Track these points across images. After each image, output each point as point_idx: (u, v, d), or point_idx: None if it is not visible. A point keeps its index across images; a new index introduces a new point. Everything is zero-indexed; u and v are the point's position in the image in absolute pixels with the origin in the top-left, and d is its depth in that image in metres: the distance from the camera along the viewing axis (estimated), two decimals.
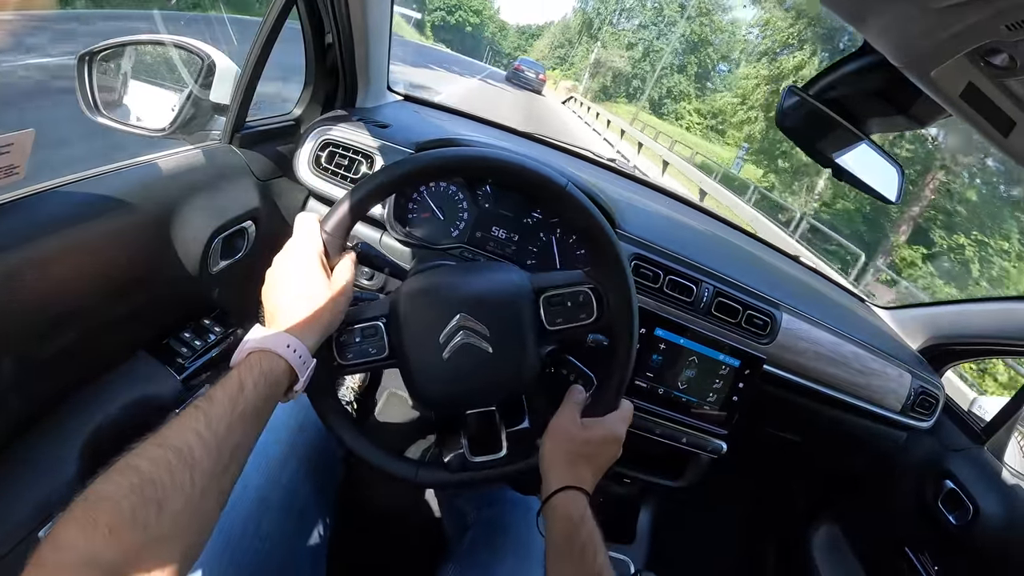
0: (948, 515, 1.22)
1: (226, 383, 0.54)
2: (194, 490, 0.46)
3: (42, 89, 3.73)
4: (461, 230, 1.10)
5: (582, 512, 0.66)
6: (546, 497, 0.69)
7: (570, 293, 0.77)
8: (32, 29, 4.74)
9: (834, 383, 1.21)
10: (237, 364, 0.57)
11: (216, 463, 0.49)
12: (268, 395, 0.56)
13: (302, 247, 0.67)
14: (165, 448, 0.46)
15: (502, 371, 0.75)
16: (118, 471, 0.44)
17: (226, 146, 1.02)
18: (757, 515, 1.79)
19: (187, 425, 0.49)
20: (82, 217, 0.75)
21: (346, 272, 0.69)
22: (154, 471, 0.45)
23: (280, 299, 0.64)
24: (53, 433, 0.78)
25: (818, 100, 0.84)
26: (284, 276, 0.66)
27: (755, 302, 1.12)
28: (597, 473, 0.72)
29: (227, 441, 0.50)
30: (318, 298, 0.65)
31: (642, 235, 1.11)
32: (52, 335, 0.72)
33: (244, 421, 0.52)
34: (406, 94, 1.52)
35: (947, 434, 1.35)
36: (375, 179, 0.71)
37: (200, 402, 0.52)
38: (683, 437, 1.07)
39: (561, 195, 0.74)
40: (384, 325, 0.74)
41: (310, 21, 1.07)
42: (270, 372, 0.57)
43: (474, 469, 0.79)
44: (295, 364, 0.60)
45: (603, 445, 0.73)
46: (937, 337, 1.42)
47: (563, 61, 70.02)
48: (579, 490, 0.68)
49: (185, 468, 0.46)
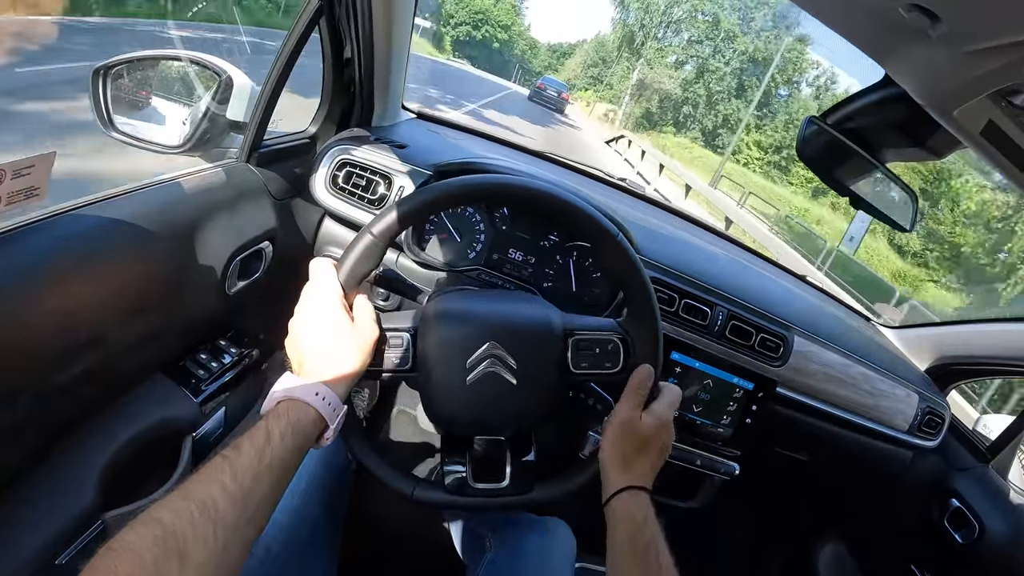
0: (954, 533, 1.23)
1: (254, 434, 0.54)
2: (216, 543, 0.46)
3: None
4: (478, 252, 1.10)
5: (645, 512, 0.65)
6: (607, 498, 0.69)
7: (599, 340, 0.77)
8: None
9: (844, 404, 1.22)
10: (266, 414, 0.57)
11: (240, 516, 0.48)
12: (296, 446, 0.56)
13: (321, 294, 0.66)
14: (189, 501, 0.47)
15: (521, 405, 0.76)
16: (142, 523, 0.44)
17: (244, 165, 1.02)
18: (763, 533, 1.80)
19: (212, 477, 0.49)
20: (102, 239, 0.74)
21: (369, 315, 0.69)
22: (177, 524, 0.45)
23: (306, 349, 0.64)
24: (72, 456, 0.77)
25: (836, 129, 0.85)
26: (307, 325, 0.65)
27: (768, 325, 1.13)
28: (655, 466, 0.71)
29: (253, 493, 0.50)
30: (344, 345, 0.64)
31: (658, 258, 1.11)
32: (72, 358, 0.72)
33: (271, 472, 0.52)
34: (420, 112, 1.53)
35: (952, 453, 1.36)
36: (387, 214, 0.71)
37: (227, 452, 0.51)
38: (697, 459, 1.07)
39: (610, 243, 0.75)
40: (411, 337, 0.74)
41: (331, 38, 1.07)
42: (298, 422, 0.57)
43: (473, 495, 0.79)
44: (325, 413, 0.59)
45: (660, 435, 0.72)
46: (943, 357, 1.43)
47: (597, 81, 63.92)
48: (640, 489, 0.68)
49: (208, 522, 0.46)
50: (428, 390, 0.74)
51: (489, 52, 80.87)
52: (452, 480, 0.79)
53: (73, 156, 2.55)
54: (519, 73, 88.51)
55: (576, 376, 0.77)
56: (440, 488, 0.78)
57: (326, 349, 0.63)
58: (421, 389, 0.75)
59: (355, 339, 0.65)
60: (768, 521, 1.79)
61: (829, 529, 1.59)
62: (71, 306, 0.70)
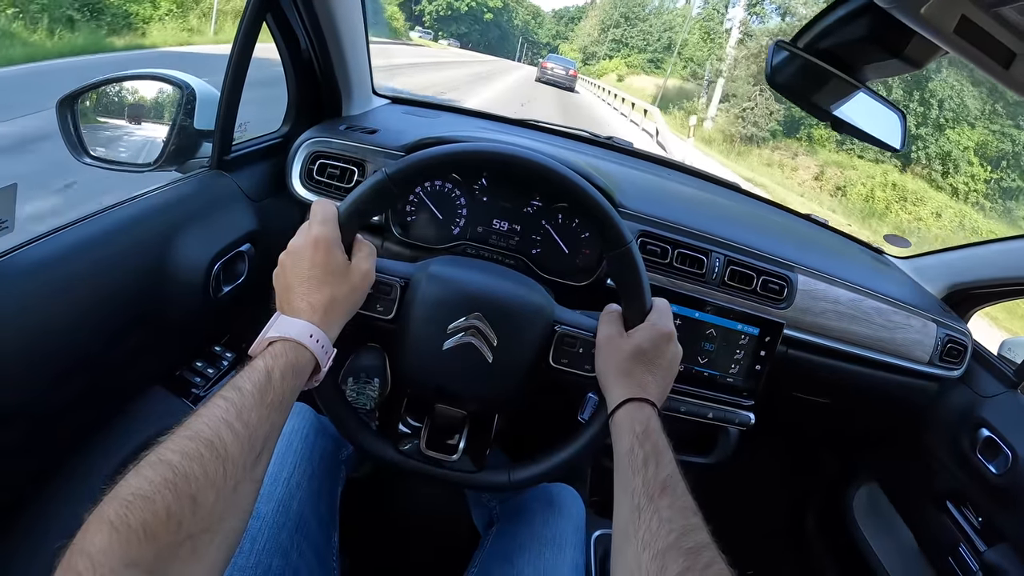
0: (987, 464, 1.19)
1: (252, 373, 0.53)
2: (227, 483, 0.45)
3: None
4: (462, 227, 1.09)
5: (645, 424, 0.62)
6: (608, 415, 0.67)
7: (584, 340, 0.76)
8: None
9: (858, 340, 1.18)
10: (260, 353, 0.56)
11: (248, 454, 0.48)
12: (293, 385, 0.55)
13: (319, 229, 0.65)
14: (196, 441, 0.45)
15: (491, 384, 0.75)
16: (149, 466, 0.42)
17: (214, 172, 1.02)
18: (794, 483, 1.76)
19: (217, 416, 0.47)
20: (77, 261, 0.74)
21: (367, 260, 0.67)
22: (187, 465, 0.43)
23: (299, 283, 0.62)
24: (75, 479, 0.77)
25: (808, 52, 0.81)
26: (302, 258, 0.63)
27: (769, 267, 1.10)
28: (663, 378, 0.69)
29: (258, 431, 0.49)
30: (340, 285, 0.63)
31: (645, 210, 1.09)
32: (63, 381, 0.72)
33: (272, 411, 0.51)
34: (394, 96, 1.51)
35: (979, 381, 1.31)
36: (408, 161, 0.70)
37: (227, 392, 0.50)
38: (709, 412, 1.05)
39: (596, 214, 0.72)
40: (400, 288, 0.74)
41: (283, 37, 1.06)
42: (296, 362, 0.56)
43: (421, 460, 0.78)
44: (318, 354, 0.59)
45: (656, 346, 0.69)
46: (959, 283, 1.38)
47: (622, 45, 53.42)
48: (642, 401, 0.65)
49: (218, 461, 0.45)
50: (402, 345, 0.73)
51: (483, 27, 68.60)
52: (406, 442, 0.79)
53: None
54: (523, 48, 78.44)
55: (553, 370, 0.76)
56: (390, 445, 0.78)
57: (317, 285, 0.62)
58: (396, 342, 0.74)
59: (350, 278, 0.65)
60: (797, 470, 1.76)
61: (860, 472, 1.55)
62: (55, 331, 0.70)
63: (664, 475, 0.57)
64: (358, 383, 1.32)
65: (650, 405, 0.65)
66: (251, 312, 1.03)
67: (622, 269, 0.72)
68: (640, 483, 0.57)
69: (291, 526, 0.75)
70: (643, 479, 0.57)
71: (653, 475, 0.57)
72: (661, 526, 0.52)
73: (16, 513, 0.72)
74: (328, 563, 0.80)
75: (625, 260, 0.72)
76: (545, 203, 1.07)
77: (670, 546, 0.50)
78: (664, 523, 0.52)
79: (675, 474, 0.57)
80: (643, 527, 0.52)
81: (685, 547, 0.49)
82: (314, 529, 0.79)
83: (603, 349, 0.71)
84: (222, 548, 0.45)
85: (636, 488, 0.56)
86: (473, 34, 65.29)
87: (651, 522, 0.53)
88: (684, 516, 0.53)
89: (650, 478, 0.57)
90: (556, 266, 1.08)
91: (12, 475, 0.70)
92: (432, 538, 1.29)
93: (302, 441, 0.85)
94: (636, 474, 0.58)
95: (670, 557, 0.49)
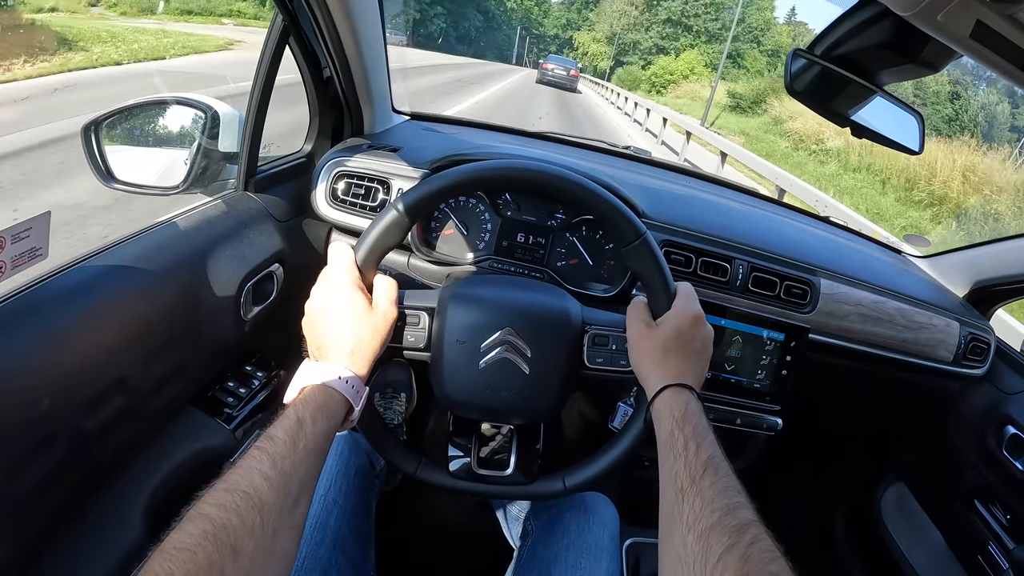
0: (1014, 461, 1.18)
1: (284, 421, 0.54)
2: (265, 532, 0.46)
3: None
4: (487, 242, 1.10)
5: (684, 408, 0.63)
6: (648, 404, 0.67)
7: (616, 336, 0.76)
8: None
9: (882, 342, 1.18)
10: (293, 402, 0.58)
11: (285, 501, 0.49)
12: (326, 429, 0.56)
13: (338, 275, 0.67)
14: (233, 493, 0.47)
15: (532, 395, 0.75)
16: (190, 520, 0.44)
17: (242, 193, 1.04)
18: (821, 486, 1.76)
19: (252, 467, 0.49)
20: (110, 286, 0.76)
21: (387, 296, 0.69)
22: (225, 517, 0.45)
23: (324, 331, 0.64)
24: (113, 500, 0.79)
25: (826, 59, 0.82)
26: (325, 307, 0.66)
27: (791, 272, 1.10)
28: (698, 361, 0.69)
29: (293, 478, 0.50)
30: (363, 326, 0.65)
31: (668, 220, 1.09)
32: (100, 403, 0.74)
33: (308, 456, 0.53)
34: (413, 112, 1.53)
35: (1003, 378, 1.31)
36: (416, 191, 0.71)
37: (262, 443, 0.52)
38: (737, 419, 1.05)
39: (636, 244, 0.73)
40: (429, 316, 0.74)
41: (305, 58, 1.08)
42: (326, 406, 0.57)
43: (476, 480, 0.79)
44: (349, 396, 0.60)
45: (686, 330, 0.69)
46: (981, 280, 1.37)
47: (684, 29, 39.61)
48: (679, 387, 0.65)
49: (255, 511, 0.46)
50: (440, 371, 0.74)
51: (459, 16, 51.21)
52: (456, 464, 0.80)
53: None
54: (525, 44, 64.10)
55: (590, 371, 0.77)
56: (444, 471, 0.79)
57: (342, 330, 0.64)
58: (433, 369, 0.75)
59: (372, 319, 0.66)
60: (824, 473, 1.75)
61: (887, 473, 1.54)
62: (91, 353, 0.72)
63: (705, 456, 0.57)
64: (385, 398, 1.34)
65: (687, 390, 0.65)
66: (280, 331, 1.04)
67: (640, 260, 0.73)
68: (682, 466, 0.57)
69: (329, 543, 0.76)
70: (685, 462, 0.57)
71: (694, 457, 0.57)
72: (704, 506, 0.52)
73: (57, 531, 0.73)
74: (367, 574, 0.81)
75: (642, 251, 0.73)
76: (568, 215, 1.08)
77: (714, 525, 0.50)
78: (707, 503, 0.52)
79: (717, 455, 0.58)
80: (687, 509, 0.53)
81: (729, 525, 0.50)
82: (351, 545, 0.80)
83: (635, 342, 0.72)
84: None
85: (678, 471, 0.57)
86: (446, 28, 46.92)
87: (694, 503, 0.53)
88: (727, 495, 0.53)
89: (691, 460, 0.57)
90: (582, 278, 1.09)
91: (53, 495, 0.71)
92: (464, 551, 1.30)
93: (337, 457, 0.86)
94: (678, 458, 0.58)
95: (714, 536, 0.49)
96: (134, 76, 7.69)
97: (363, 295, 0.67)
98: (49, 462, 0.68)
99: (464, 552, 1.28)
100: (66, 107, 5.33)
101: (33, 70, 6.42)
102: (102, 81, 6.93)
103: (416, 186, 0.72)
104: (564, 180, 0.73)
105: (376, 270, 0.71)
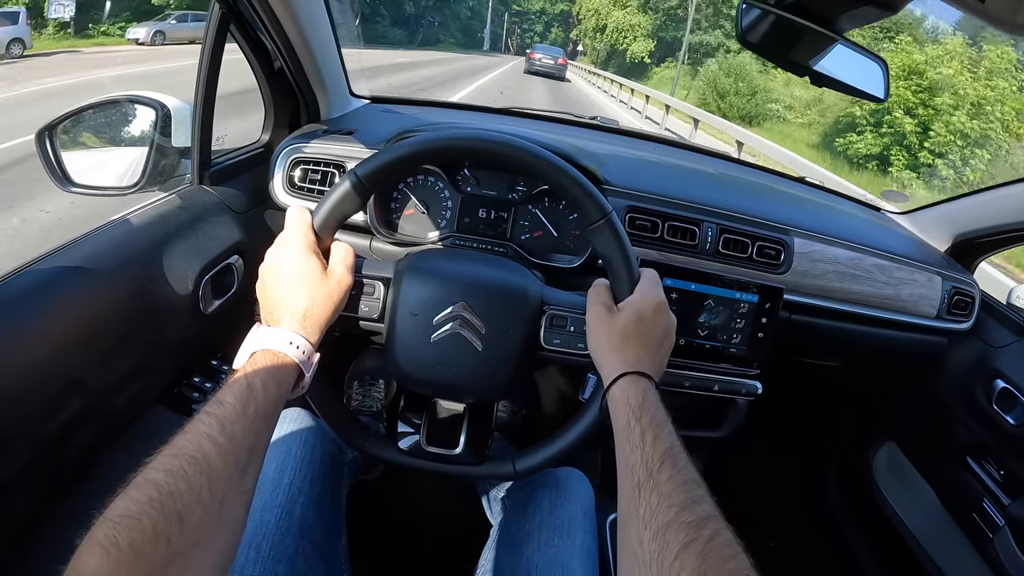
0: (1005, 416, 1.16)
1: (233, 386, 0.53)
2: (213, 498, 0.45)
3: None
4: (448, 220, 1.08)
5: (641, 397, 0.61)
6: (603, 393, 0.66)
7: (575, 318, 0.75)
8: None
9: (862, 299, 1.16)
10: (243, 367, 0.57)
11: (234, 467, 0.48)
12: (277, 395, 0.56)
13: (294, 238, 0.66)
14: (180, 458, 0.45)
15: (483, 374, 0.74)
16: (135, 487, 0.43)
17: (197, 187, 1.02)
18: (810, 450, 1.75)
19: (200, 432, 0.48)
20: (64, 286, 0.75)
21: (343, 261, 0.68)
22: (171, 483, 0.44)
23: (277, 294, 0.64)
24: (81, 502, 0.77)
25: (779, 8, 0.80)
26: (279, 270, 0.65)
27: (763, 232, 1.08)
28: (658, 349, 0.67)
29: (243, 443, 0.49)
30: (317, 291, 0.64)
31: (632, 185, 1.08)
32: (60, 407, 0.72)
33: (257, 421, 0.52)
34: (372, 96, 1.50)
35: (990, 332, 1.29)
36: (374, 159, 0.70)
37: (210, 407, 0.51)
38: (715, 385, 1.03)
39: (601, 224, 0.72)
40: (384, 286, 0.73)
41: (250, 47, 1.05)
42: (277, 371, 0.57)
43: (424, 457, 0.78)
44: (300, 361, 0.59)
45: (647, 318, 0.67)
46: (961, 233, 1.35)
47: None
48: (637, 374, 0.63)
49: (202, 476, 0.45)
50: (391, 343, 0.73)
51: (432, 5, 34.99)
52: (407, 441, 0.79)
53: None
54: (505, 24, 50.37)
55: (546, 352, 0.75)
56: (392, 446, 0.78)
57: (295, 294, 0.63)
58: (387, 342, 0.73)
59: (327, 284, 0.65)
60: (813, 436, 1.74)
61: (877, 434, 1.53)
62: (47, 358, 0.71)
63: (663, 448, 0.55)
64: (363, 386, 1.32)
65: (645, 378, 0.63)
66: (245, 324, 1.03)
67: (604, 241, 0.72)
68: (639, 458, 0.55)
69: (295, 532, 0.75)
70: (641, 454, 0.55)
71: (651, 449, 0.55)
72: (661, 501, 0.50)
73: (23, 537, 0.72)
74: (337, 567, 0.79)
75: (606, 232, 0.71)
76: (530, 188, 1.06)
77: (671, 521, 0.48)
78: (664, 498, 0.50)
79: (675, 446, 0.56)
80: (643, 504, 0.51)
81: (687, 520, 0.48)
82: (319, 534, 0.78)
83: (594, 326, 0.70)
84: (214, 564, 0.45)
85: (635, 464, 0.55)
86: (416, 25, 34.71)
87: (651, 498, 0.51)
88: (686, 489, 0.51)
89: (648, 452, 0.55)
90: (547, 250, 1.07)
91: (17, 499, 0.70)
92: (444, 534, 1.29)
93: (302, 446, 0.85)
94: (635, 449, 0.56)
95: (671, 533, 0.47)
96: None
97: (318, 260, 0.66)
98: (10, 468, 0.67)
99: (447, 537, 1.27)
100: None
101: None
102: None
103: (375, 155, 0.71)
104: (523, 152, 0.71)
105: (333, 237, 0.70)
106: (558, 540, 0.80)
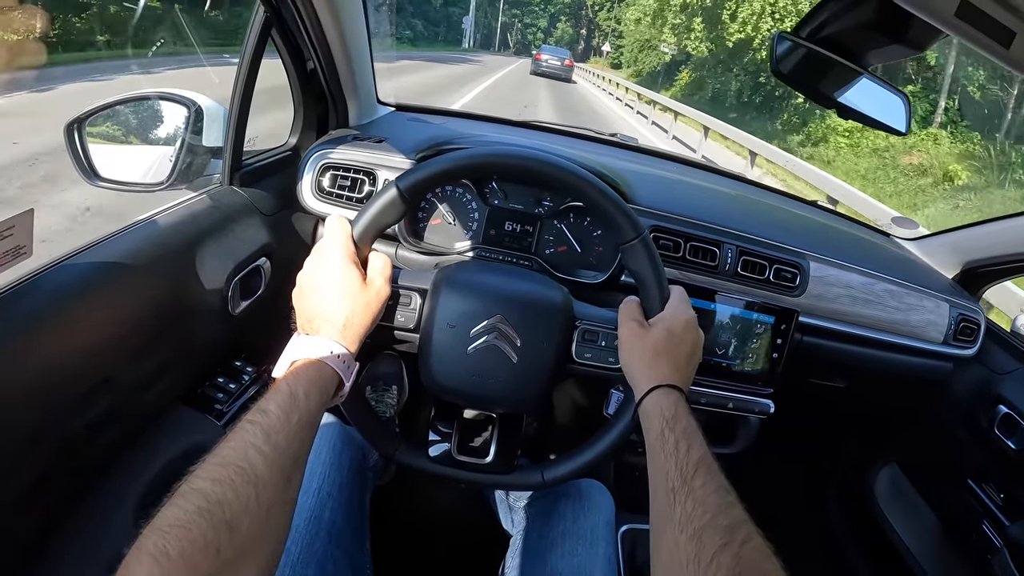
0: (1006, 440, 1.19)
1: (277, 395, 0.53)
2: (260, 507, 0.45)
3: None
4: (475, 231, 1.09)
5: (673, 409, 0.63)
6: (636, 405, 0.67)
7: (606, 333, 0.77)
8: None
9: (872, 324, 1.19)
10: (284, 376, 0.57)
11: (279, 476, 0.48)
12: (319, 403, 0.56)
13: (334, 248, 0.67)
14: (227, 467, 0.46)
15: (518, 385, 0.75)
16: (183, 495, 0.43)
17: (227, 188, 1.03)
18: (815, 469, 1.77)
19: (245, 440, 0.48)
20: (95, 283, 0.75)
21: (382, 272, 0.69)
22: (219, 492, 0.44)
23: (316, 304, 0.64)
24: (104, 501, 0.78)
25: (811, 41, 0.82)
26: (317, 279, 0.65)
27: (780, 255, 1.11)
28: (687, 364, 0.70)
29: (287, 453, 0.50)
30: (356, 301, 0.65)
31: (656, 205, 1.09)
32: (87, 403, 0.73)
33: (301, 430, 0.52)
34: (398, 104, 1.52)
35: (994, 358, 1.31)
36: (417, 172, 0.71)
37: (254, 416, 0.51)
38: (729, 402, 1.05)
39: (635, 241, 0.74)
40: (421, 297, 0.75)
41: (288, 50, 1.07)
42: (319, 380, 0.57)
43: (455, 466, 0.80)
44: (340, 371, 0.60)
45: (677, 333, 0.70)
46: (970, 261, 1.38)
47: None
48: (669, 387, 0.65)
49: (249, 486, 0.45)
50: (427, 353, 0.74)
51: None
52: (437, 449, 0.80)
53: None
54: (500, 19, 43.92)
55: (577, 366, 0.77)
56: (423, 454, 0.79)
57: (335, 304, 0.64)
58: (421, 352, 0.75)
59: (365, 294, 0.66)
60: (817, 455, 1.76)
61: (880, 455, 1.55)
62: (77, 352, 0.71)
63: (696, 456, 0.57)
64: (376, 391, 1.33)
65: (676, 391, 0.65)
66: (269, 326, 1.04)
67: (637, 260, 0.74)
68: (673, 465, 0.57)
69: (324, 536, 0.76)
70: (676, 461, 0.57)
71: (685, 457, 0.57)
72: (696, 506, 0.52)
73: (49, 535, 0.72)
74: (363, 570, 0.81)
75: (640, 251, 0.73)
76: (556, 203, 1.08)
77: (706, 524, 0.50)
78: (699, 503, 0.52)
79: (707, 455, 0.58)
80: (679, 508, 0.53)
81: (722, 524, 0.50)
82: (347, 538, 0.79)
83: (626, 341, 0.72)
84: (261, 574, 0.46)
85: (669, 471, 0.57)
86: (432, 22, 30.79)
87: (686, 503, 0.53)
88: (719, 495, 0.53)
89: (682, 460, 0.57)
90: (571, 266, 1.09)
91: (43, 496, 0.70)
92: (456, 539, 1.30)
93: (330, 452, 0.86)
94: (668, 457, 0.58)
95: (707, 535, 0.49)
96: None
97: (357, 270, 0.66)
98: (35, 467, 0.67)
99: (461, 543, 1.28)
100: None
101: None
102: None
103: (418, 167, 0.72)
104: (564, 171, 0.73)
105: (371, 247, 0.71)
106: (582, 550, 0.82)
